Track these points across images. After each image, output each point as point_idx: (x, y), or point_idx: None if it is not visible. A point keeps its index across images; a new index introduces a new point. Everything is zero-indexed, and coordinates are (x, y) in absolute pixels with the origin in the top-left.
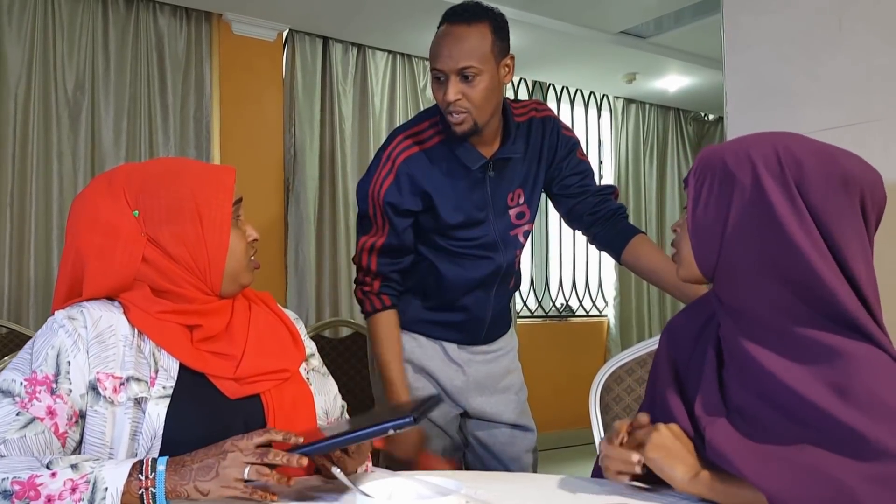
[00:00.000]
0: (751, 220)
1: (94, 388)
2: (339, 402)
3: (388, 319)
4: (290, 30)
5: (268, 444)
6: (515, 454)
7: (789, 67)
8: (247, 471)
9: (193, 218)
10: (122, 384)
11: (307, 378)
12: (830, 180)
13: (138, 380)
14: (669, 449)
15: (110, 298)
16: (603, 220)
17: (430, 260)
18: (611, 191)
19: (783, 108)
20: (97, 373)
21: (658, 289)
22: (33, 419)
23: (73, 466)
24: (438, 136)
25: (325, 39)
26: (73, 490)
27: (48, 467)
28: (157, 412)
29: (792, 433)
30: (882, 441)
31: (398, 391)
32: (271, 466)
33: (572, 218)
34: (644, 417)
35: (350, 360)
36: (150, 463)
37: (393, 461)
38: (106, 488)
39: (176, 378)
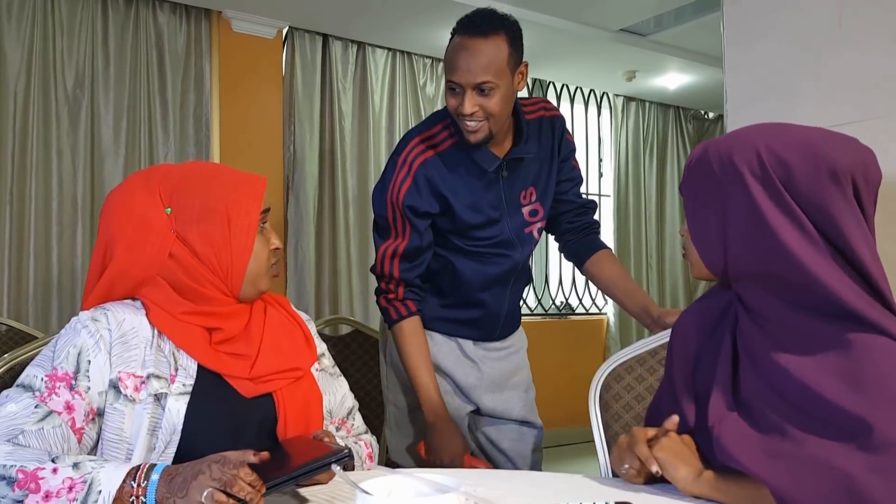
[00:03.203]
0: (744, 226)
1: (115, 386)
2: (348, 403)
3: (414, 326)
4: (289, 27)
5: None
6: (523, 451)
7: (789, 65)
8: (205, 493)
9: (222, 220)
10: (142, 382)
11: (317, 377)
12: (818, 173)
13: (158, 377)
14: (675, 451)
15: (133, 298)
16: (577, 230)
17: (447, 258)
18: (592, 206)
19: (783, 106)
20: (119, 372)
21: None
22: (51, 412)
23: (76, 465)
24: (451, 140)
25: (325, 37)
26: (70, 489)
27: (53, 462)
28: (177, 408)
29: (800, 426)
30: (887, 431)
31: (431, 395)
32: (233, 496)
33: (550, 222)
34: (671, 423)
35: (350, 357)
36: (145, 470)
37: (435, 465)
38: (100, 490)
39: (195, 377)
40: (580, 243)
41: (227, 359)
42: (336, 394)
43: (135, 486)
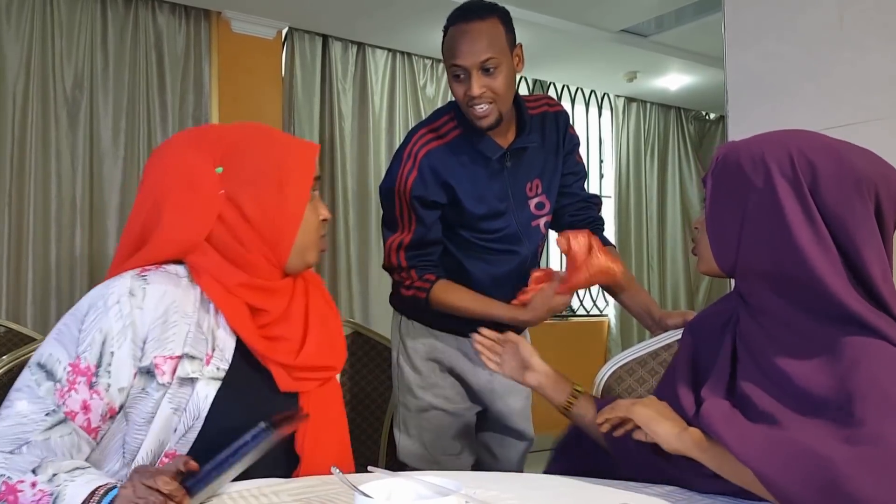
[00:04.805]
0: (764, 222)
1: (149, 371)
2: None
3: (447, 284)
4: (289, 28)
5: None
6: (513, 458)
7: (791, 66)
8: None
9: (275, 184)
10: (177, 363)
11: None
12: (844, 182)
13: (192, 357)
14: (658, 409)
15: (178, 262)
16: (581, 225)
17: (457, 258)
18: (597, 201)
19: (784, 107)
20: (154, 357)
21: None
22: (63, 420)
23: (52, 478)
24: (457, 130)
25: (325, 37)
26: (38, 501)
27: (34, 473)
28: (206, 393)
29: (792, 424)
30: (873, 424)
31: (508, 306)
32: None
33: (553, 216)
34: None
35: (349, 359)
36: (103, 492)
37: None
38: None
39: (230, 362)
40: None
41: (270, 342)
42: None
43: None
